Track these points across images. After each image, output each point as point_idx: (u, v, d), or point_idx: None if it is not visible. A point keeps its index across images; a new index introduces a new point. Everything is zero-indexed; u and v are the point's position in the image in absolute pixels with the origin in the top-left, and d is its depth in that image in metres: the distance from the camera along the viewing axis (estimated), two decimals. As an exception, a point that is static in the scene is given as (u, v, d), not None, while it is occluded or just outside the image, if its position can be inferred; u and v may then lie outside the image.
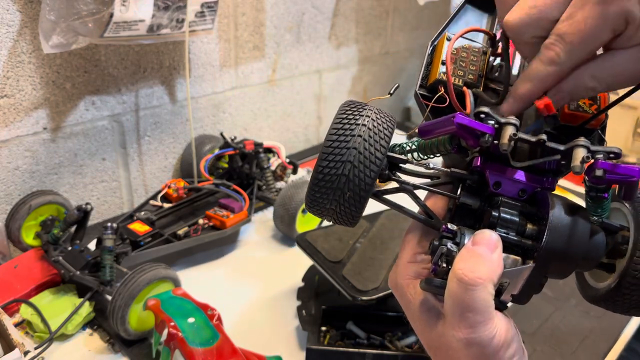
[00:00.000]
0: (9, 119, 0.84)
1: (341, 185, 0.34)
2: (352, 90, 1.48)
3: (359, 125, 0.35)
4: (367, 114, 0.35)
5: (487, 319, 0.32)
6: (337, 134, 0.35)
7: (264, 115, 1.27)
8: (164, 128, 1.07)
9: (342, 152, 0.34)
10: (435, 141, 0.37)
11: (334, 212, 0.36)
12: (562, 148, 0.34)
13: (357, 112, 0.36)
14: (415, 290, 0.37)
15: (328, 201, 0.35)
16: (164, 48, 1.00)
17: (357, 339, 0.70)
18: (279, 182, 1.05)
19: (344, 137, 0.35)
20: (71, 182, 0.96)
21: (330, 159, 0.34)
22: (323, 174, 0.35)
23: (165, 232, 0.85)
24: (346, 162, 0.34)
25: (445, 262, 0.34)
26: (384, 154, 0.35)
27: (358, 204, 0.35)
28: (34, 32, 0.82)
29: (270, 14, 1.17)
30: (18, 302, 0.73)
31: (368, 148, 0.34)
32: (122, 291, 0.66)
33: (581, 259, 0.35)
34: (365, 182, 0.34)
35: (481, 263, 0.33)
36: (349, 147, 0.34)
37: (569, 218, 0.34)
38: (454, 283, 0.32)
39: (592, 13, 0.31)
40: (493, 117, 0.34)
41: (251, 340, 0.70)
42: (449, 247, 0.34)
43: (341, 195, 0.35)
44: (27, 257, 0.79)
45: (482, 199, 0.38)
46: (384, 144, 0.35)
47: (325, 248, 0.75)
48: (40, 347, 0.67)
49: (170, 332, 0.60)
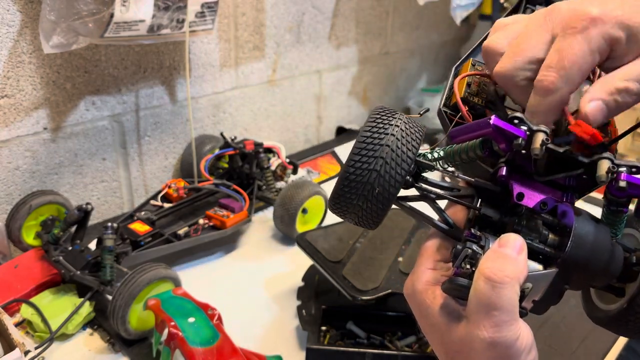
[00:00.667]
0: (9, 119, 0.84)
1: (372, 180, 0.35)
2: (352, 90, 1.48)
3: (392, 125, 0.36)
4: (400, 117, 0.37)
5: (512, 319, 0.33)
6: (371, 131, 0.36)
7: (264, 116, 1.27)
8: (164, 128, 1.07)
9: (375, 148, 0.35)
10: (466, 146, 0.38)
11: (360, 209, 0.36)
12: (586, 160, 0.35)
13: (390, 115, 0.37)
14: (434, 296, 0.37)
15: (356, 197, 0.36)
16: (164, 48, 1.00)
17: (357, 338, 0.70)
18: (279, 182, 1.05)
19: (378, 134, 0.35)
20: (71, 182, 0.96)
21: (363, 153, 0.35)
22: (354, 167, 0.35)
23: (165, 232, 0.85)
24: (378, 158, 0.35)
25: (469, 264, 0.35)
26: (414, 154, 0.36)
27: (386, 201, 0.36)
28: (34, 32, 0.82)
29: (270, 14, 1.17)
30: (18, 302, 0.73)
31: (400, 147, 0.35)
32: (123, 291, 0.66)
33: (601, 271, 0.36)
34: (396, 179, 0.35)
35: (508, 263, 0.33)
36: (382, 144, 0.35)
37: (592, 229, 0.35)
38: (481, 281, 0.33)
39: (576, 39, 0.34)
40: (526, 123, 0.35)
41: (251, 340, 0.70)
42: (474, 249, 0.35)
43: (370, 190, 0.35)
44: (27, 257, 0.79)
45: (501, 212, 0.38)
46: (415, 145, 0.36)
47: (325, 248, 0.76)
48: (40, 347, 0.67)
49: (170, 331, 0.60)
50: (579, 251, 0.35)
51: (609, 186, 0.35)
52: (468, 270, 0.34)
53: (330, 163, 1.28)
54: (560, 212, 0.37)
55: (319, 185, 0.97)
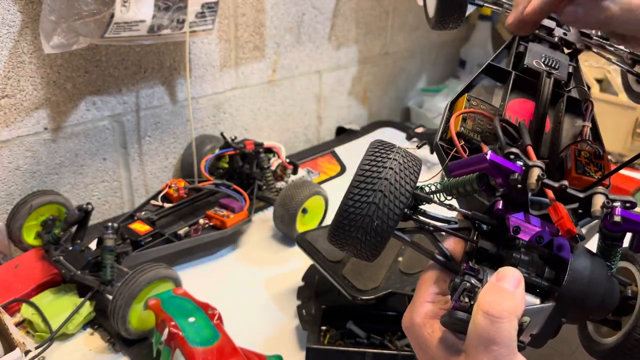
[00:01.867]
0: (9, 119, 0.85)
1: (371, 212, 0.35)
2: (352, 91, 1.48)
3: (390, 159, 0.37)
4: (398, 152, 0.38)
5: (511, 354, 0.33)
6: (369, 164, 0.37)
7: (264, 116, 1.27)
8: (165, 128, 1.07)
9: (374, 181, 0.36)
10: (463, 180, 0.38)
11: (359, 242, 0.37)
12: (581, 195, 0.36)
13: (388, 149, 0.38)
14: (432, 329, 0.38)
15: (355, 229, 0.36)
16: (164, 48, 1.01)
17: (357, 338, 0.70)
18: (279, 182, 1.05)
19: (377, 168, 0.36)
20: (72, 182, 0.96)
21: (362, 187, 0.36)
22: (354, 200, 0.36)
23: (165, 232, 0.85)
24: (377, 191, 0.35)
25: (467, 298, 0.35)
26: (412, 187, 0.37)
27: (385, 234, 0.36)
28: (34, 32, 0.82)
29: (270, 15, 1.17)
30: (19, 302, 0.73)
31: (398, 180, 0.36)
32: (123, 291, 0.66)
33: (597, 305, 0.36)
34: (394, 212, 0.36)
35: (506, 297, 0.33)
36: (381, 178, 0.36)
37: (589, 263, 0.36)
38: (479, 316, 0.33)
39: None
40: (522, 158, 0.36)
41: (251, 340, 0.70)
42: (472, 283, 0.35)
43: (369, 223, 0.36)
44: (28, 256, 0.79)
45: (498, 245, 0.39)
46: (413, 179, 0.37)
47: (325, 248, 0.76)
48: (41, 347, 0.67)
49: (170, 331, 0.60)
50: (576, 285, 0.35)
51: (604, 221, 0.36)
52: (467, 304, 0.34)
53: (330, 163, 1.29)
54: (556, 245, 0.37)
55: (319, 185, 0.97)
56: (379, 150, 0.38)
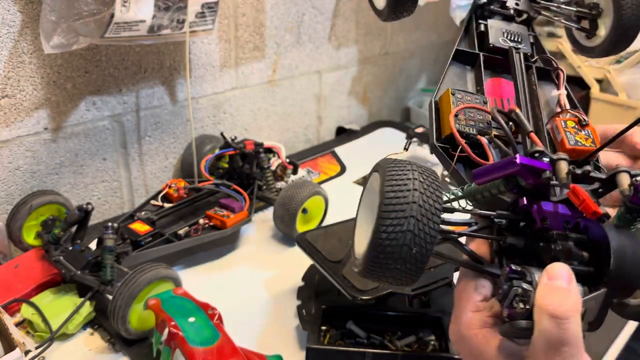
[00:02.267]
0: (9, 119, 0.85)
1: (407, 241, 0.34)
2: (352, 91, 1.48)
3: (410, 179, 0.35)
4: (414, 169, 0.36)
5: (581, 351, 0.33)
6: (392, 190, 0.34)
7: (264, 116, 1.27)
8: (165, 128, 1.07)
9: (403, 207, 0.34)
10: (489, 185, 0.38)
11: (399, 272, 0.35)
12: (604, 176, 0.37)
13: (403, 167, 0.36)
14: (485, 339, 0.37)
15: (393, 261, 0.34)
16: (164, 48, 1.01)
17: (357, 338, 0.70)
18: (279, 182, 1.05)
19: (401, 192, 0.34)
20: (72, 182, 0.96)
21: (393, 216, 0.34)
22: (387, 232, 0.34)
23: (165, 232, 0.85)
24: (409, 217, 0.33)
25: (521, 303, 0.34)
26: (441, 203, 0.35)
27: (424, 258, 0.35)
28: (34, 32, 0.82)
29: (270, 15, 1.18)
30: (19, 302, 0.73)
31: (426, 200, 0.34)
32: (123, 291, 0.66)
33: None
34: (430, 234, 0.34)
35: (565, 296, 0.33)
36: (408, 202, 0.34)
37: (624, 239, 0.36)
38: (545, 320, 0.32)
39: None
40: (546, 154, 0.36)
41: (251, 340, 0.70)
42: (524, 287, 0.34)
43: (408, 252, 0.34)
44: (27, 256, 0.79)
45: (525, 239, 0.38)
46: (438, 194, 0.35)
47: (325, 248, 0.76)
48: (41, 347, 0.67)
49: (170, 331, 0.60)
50: (622, 264, 0.35)
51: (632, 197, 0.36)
52: (522, 310, 0.34)
53: (330, 163, 1.29)
54: (582, 227, 0.37)
55: (319, 185, 0.97)
56: (396, 173, 0.35)
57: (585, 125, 0.45)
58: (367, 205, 0.41)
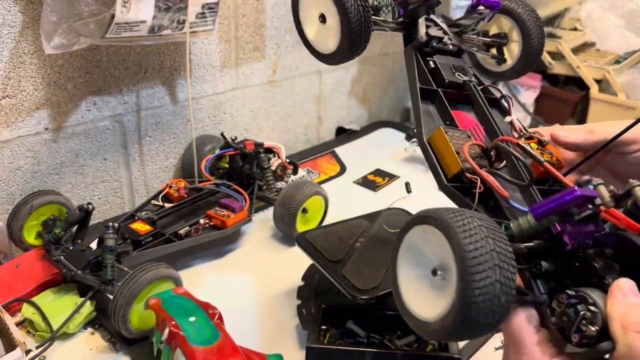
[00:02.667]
0: (10, 119, 0.85)
1: (497, 291, 0.33)
2: (352, 91, 1.49)
3: (477, 226, 0.34)
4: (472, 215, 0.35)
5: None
6: (470, 242, 0.33)
7: (264, 116, 1.27)
8: (165, 128, 1.07)
9: (486, 258, 0.33)
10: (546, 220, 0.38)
11: (489, 326, 0.34)
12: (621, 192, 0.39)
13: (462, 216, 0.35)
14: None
15: (485, 316, 0.33)
16: (165, 49, 1.01)
17: (357, 337, 0.70)
18: (279, 182, 1.05)
19: (479, 243, 0.33)
20: (73, 182, 0.96)
21: (481, 269, 0.33)
22: (479, 288, 0.32)
23: (166, 232, 0.85)
24: (495, 267, 0.33)
25: (590, 325, 0.35)
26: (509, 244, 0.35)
27: (509, 305, 0.34)
28: (35, 33, 0.82)
29: (270, 15, 1.18)
30: (20, 302, 0.73)
31: (499, 244, 0.34)
32: (124, 290, 0.66)
33: None
34: (512, 278, 0.34)
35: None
36: (489, 251, 0.33)
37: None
38: (633, 338, 0.32)
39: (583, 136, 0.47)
40: (590, 182, 0.38)
41: (252, 339, 0.71)
42: (592, 310, 0.35)
43: (498, 302, 0.33)
44: (28, 256, 0.80)
45: (557, 262, 0.39)
46: (504, 236, 0.35)
47: (325, 247, 0.76)
48: (41, 346, 0.67)
49: (171, 331, 0.60)
50: None
51: None
52: (593, 332, 0.35)
53: (330, 163, 1.29)
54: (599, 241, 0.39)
55: (319, 185, 0.97)
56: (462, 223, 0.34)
57: (546, 145, 0.48)
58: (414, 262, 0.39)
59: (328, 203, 0.98)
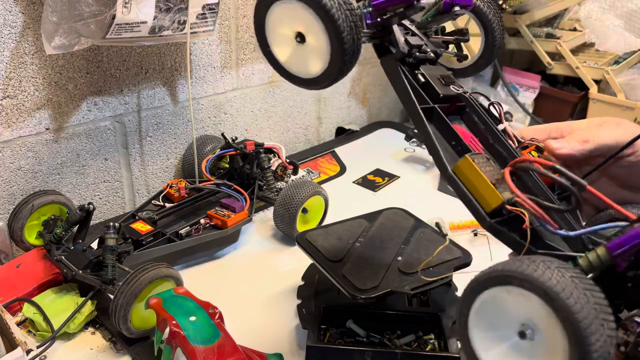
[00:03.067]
0: (11, 119, 0.85)
1: (609, 346, 0.33)
2: (351, 91, 1.49)
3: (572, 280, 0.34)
4: (557, 267, 0.35)
5: None
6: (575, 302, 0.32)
7: (264, 116, 1.27)
8: (166, 129, 1.07)
9: (593, 315, 0.33)
10: None
11: None
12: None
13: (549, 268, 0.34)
14: None
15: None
16: (165, 49, 1.01)
17: (357, 337, 0.70)
18: (279, 182, 1.05)
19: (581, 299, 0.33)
20: (73, 182, 0.97)
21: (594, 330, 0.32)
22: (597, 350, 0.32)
23: (167, 232, 0.86)
24: (603, 322, 0.33)
25: None
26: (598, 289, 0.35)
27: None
28: (36, 33, 0.83)
29: (270, 16, 1.18)
30: (20, 301, 0.73)
31: (595, 294, 0.34)
32: (124, 290, 0.67)
33: None
34: (614, 328, 0.34)
35: None
36: (593, 306, 0.33)
37: None
38: None
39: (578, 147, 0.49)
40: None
41: (252, 339, 0.71)
42: None
43: (609, 356, 0.33)
44: (29, 256, 0.80)
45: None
46: (591, 282, 0.35)
47: (325, 247, 0.76)
48: (42, 346, 0.67)
49: (172, 330, 0.61)
50: None
51: None
52: None
53: (330, 163, 1.29)
54: None
55: (319, 185, 0.98)
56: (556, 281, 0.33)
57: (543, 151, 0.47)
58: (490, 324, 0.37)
59: (328, 203, 0.99)
